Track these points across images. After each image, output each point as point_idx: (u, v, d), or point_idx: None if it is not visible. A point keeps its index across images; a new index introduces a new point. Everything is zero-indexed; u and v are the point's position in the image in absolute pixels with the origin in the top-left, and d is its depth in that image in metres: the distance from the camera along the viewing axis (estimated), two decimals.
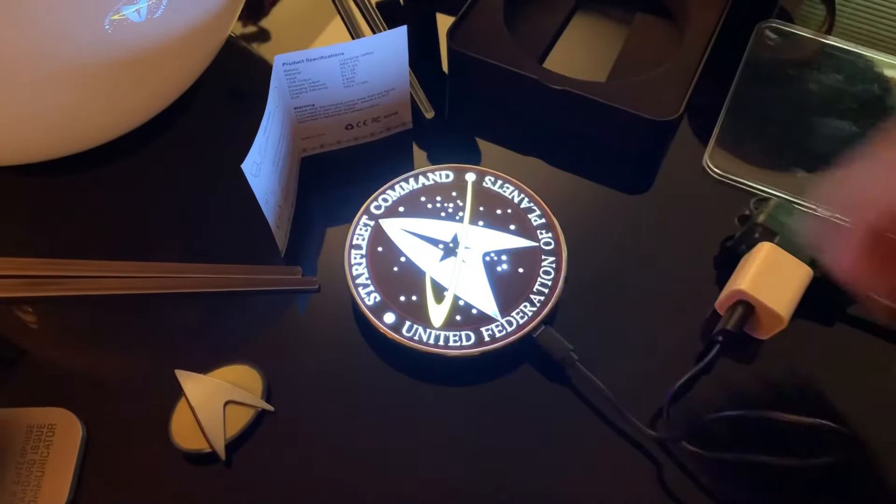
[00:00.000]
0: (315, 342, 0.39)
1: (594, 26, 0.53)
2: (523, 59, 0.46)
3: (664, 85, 0.45)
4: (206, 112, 0.49)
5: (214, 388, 0.36)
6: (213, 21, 0.41)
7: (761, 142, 0.47)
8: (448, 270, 0.39)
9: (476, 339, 0.37)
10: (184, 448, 0.34)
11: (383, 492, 0.34)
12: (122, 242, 0.43)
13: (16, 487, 0.33)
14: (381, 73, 0.42)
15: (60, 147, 0.42)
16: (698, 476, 0.35)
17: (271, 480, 0.34)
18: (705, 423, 0.33)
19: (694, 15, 0.49)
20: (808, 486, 0.35)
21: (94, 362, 0.39)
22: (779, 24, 0.51)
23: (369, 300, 0.38)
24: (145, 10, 0.35)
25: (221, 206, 0.44)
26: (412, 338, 0.37)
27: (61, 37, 0.34)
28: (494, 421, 0.36)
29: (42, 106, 0.37)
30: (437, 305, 0.38)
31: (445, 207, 0.41)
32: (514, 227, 0.41)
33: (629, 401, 0.35)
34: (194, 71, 0.44)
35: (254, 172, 0.35)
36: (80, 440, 0.35)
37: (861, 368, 0.39)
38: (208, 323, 0.40)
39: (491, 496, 0.34)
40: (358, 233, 0.40)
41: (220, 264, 0.41)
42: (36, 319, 0.40)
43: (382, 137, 0.47)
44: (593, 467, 0.35)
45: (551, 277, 0.39)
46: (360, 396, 0.37)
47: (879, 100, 0.48)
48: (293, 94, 0.41)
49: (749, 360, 0.38)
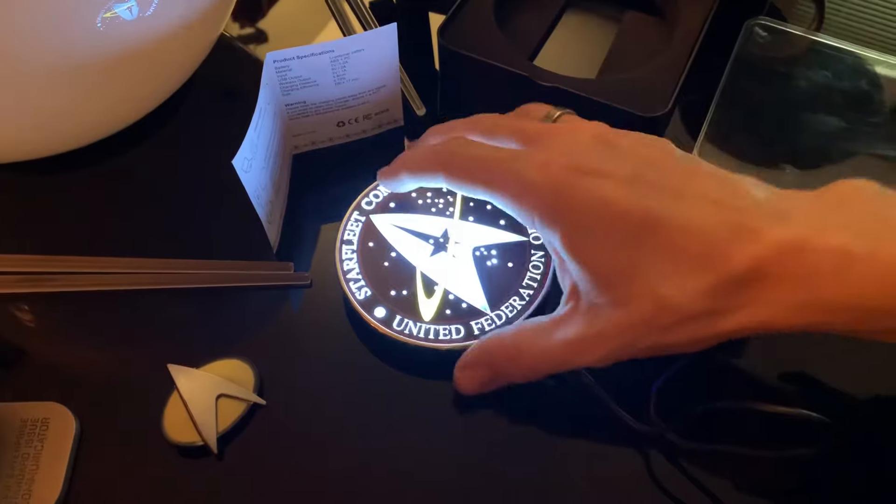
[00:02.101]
0: (307, 337, 0.40)
1: (584, 24, 0.53)
2: (514, 57, 0.46)
3: (653, 81, 0.45)
4: (200, 110, 0.49)
5: (207, 381, 0.36)
6: (206, 18, 0.41)
7: (750, 138, 0.47)
8: (438, 265, 0.39)
9: (466, 332, 0.37)
10: (176, 441, 0.35)
11: (375, 485, 0.35)
12: (113, 239, 0.43)
13: (10, 481, 0.34)
14: (372, 71, 0.42)
15: (52, 145, 0.42)
16: (684, 467, 0.35)
17: (263, 473, 0.35)
18: (690, 415, 0.33)
19: (683, 12, 0.49)
20: (792, 476, 0.35)
21: (87, 357, 0.39)
22: (768, 21, 0.51)
23: (360, 295, 0.38)
24: (137, 8, 0.36)
25: (213, 203, 0.45)
26: (402, 331, 0.37)
27: (53, 35, 0.34)
28: (482, 413, 0.37)
29: (33, 104, 0.37)
30: (428, 300, 0.38)
31: (436, 203, 0.42)
32: (504, 222, 0.41)
33: (616, 393, 0.36)
34: (187, 68, 0.45)
35: (244, 168, 0.35)
36: (74, 434, 0.35)
37: (850, 361, 0.39)
38: (200, 318, 0.41)
39: (476, 487, 0.35)
40: (349, 228, 0.41)
41: (212, 260, 0.41)
42: (29, 315, 0.41)
43: (374, 134, 0.47)
44: (579, 458, 0.36)
45: (540, 272, 0.39)
46: (351, 390, 0.37)
47: (868, 96, 0.48)
48: (284, 91, 0.41)
49: (737, 354, 0.39)
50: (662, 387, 0.36)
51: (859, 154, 0.46)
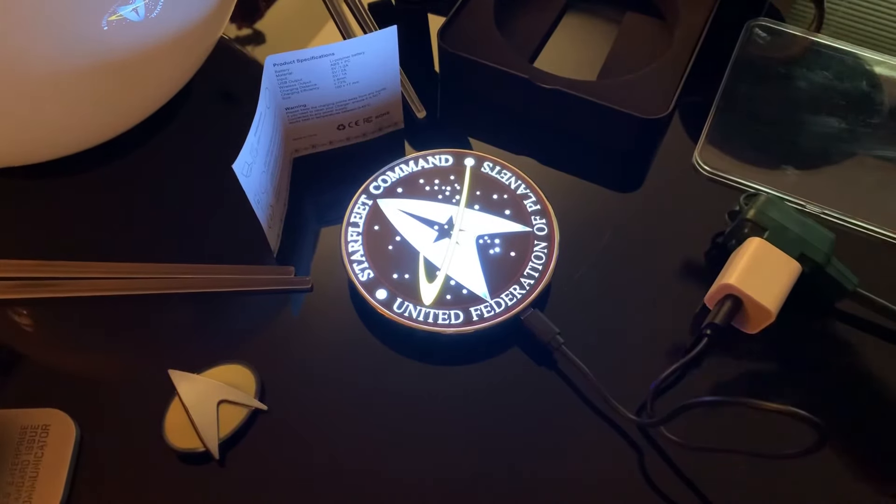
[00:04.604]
0: (308, 342, 0.40)
1: (584, 25, 0.53)
2: (514, 59, 0.46)
3: (654, 83, 0.45)
4: (199, 113, 0.49)
5: (208, 387, 0.36)
6: (209, 18, 0.41)
7: (751, 139, 0.47)
8: (441, 251, 0.40)
9: (465, 318, 0.37)
10: (178, 447, 0.35)
11: (376, 490, 0.34)
12: (114, 243, 0.43)
13: (10, 488, 0.33)
14: (372, 74, 0.42)
15: (52, 150, 0.42)
16: (677, 462, 0.35)
17: (265, 479, 0.35)
18: (684, 408, 0.33)
19: (683, 13, 0.49)
20: (784, 474, 0.35)
21: (87, 363, 0.39)
22: (768, 22, 0.51)
23: (363, 276, 0.38)
24: (143, 10, 0.36)
25: (214, 207, 0.45)
26: (403, 314, 0.37)
27: (59, 37, 0.34)
28: (482, 400, 0.37)
29: (37, 108, 0.37)
30: (429, 284, 0.38)
31: (443, 190, 0.42)
32: (509, 212, 0.41)
33: (615, 390, 0.36)
34: (189, 70, 0.45)
35: (245, 172, 0.35)
36: (74, 440, 0.35)
37: (849, 362, 0.39)
38: (201, 323, 0.41)
39: (471, 475, 0.35)
40: (356, 211, 0.41)
41: (212, 265, 0.41)
42: (30, 321, 0.40)
43: (374, 137, 0.47)
44: (574, 449, 0.36)
45: (542, 262, 0.39)
46: (353, 395, 0.37)
47: (868, 97, 0.48)
48: (284, 94, 0.41)
49: (737, 355, 0.39)
50: (662, 386, 0.36)
51: (859, 154, 0.46)
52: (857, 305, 0.40)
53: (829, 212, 0.43)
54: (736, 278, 0.37)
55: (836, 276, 0.39)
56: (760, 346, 0.39)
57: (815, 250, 0.38)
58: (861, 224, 0.43)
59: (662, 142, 0.48)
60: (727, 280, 0.37)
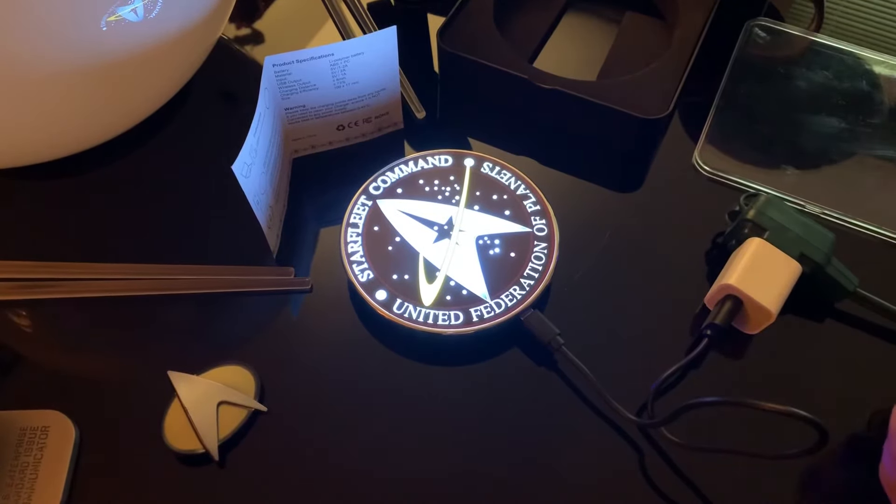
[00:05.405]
0: (307, 343, 0.40)
1: (584, 25, 0.53)
2: (514, 59, 0.46)
3: (654, 83, 0.45)
4: (198, 114, 0.49)
5: (207, 388, 0.36)
6: (208, 18, 0.41)
7: (751, 139, 0.47)
8: (441, 252, 0.40)
9: (465, 318, 0.37)
10: (177, 449, 0.35)
11: (376, 490, 0.34)
12: (114, 244, 0.43)
13: (9, 490, 0.33)
14: (372, 74, 0.42)
15: (52, 150, 0.42)
16: (677, 463, 0.35)
17: (265, 481, 0.35)
18: (685, 409, 0.33)
19: (683, 13, 0.49)
20: (785, 474, 0.35)
21: (86, 364, 0.39)
22: (768, 21, 0.51)
23: (363, 277, 0.38)
24: (142, 10, 0.36)
25: (213, 208, 0.44)
26: (402, 315, 0.37)
27: (58, 38, 0.34)
28: (482, 401, 0.37)
29: (36, 109, 0.37)
30: (429, 285, 0.38)
31: (443, 191, 0.42)
32: (509, 213, 0.41)
33: (615, 391, 0.36)
34: (188, 71, 0.45)
35: (244, 173, 0.35)
36: (74, 442, 0.35)
37: (849, 362, 0.39)
38: (201, 324, 0.41)
39: (471, 476, 0.35)
40: (355, 212, 0.41)
41: (212, 265, 0.41)
42: (29, 322, 0.40)
43: (374, 138, 0.47)
44: (575, 450, 0.36)
45: (542, 263, 0.39)
46: (352, 397, 0.37)
47: (868, 96, 0.48)
48: (284, 95, 0.41)
49: (737, 355, 0.39)
50: (662, 386, 0.36)
51: (859, 154, 0.46)
52: (857, 305, 0.39)
53: (829, 212, 0.43)
54: (736, 279, 0.37)
55: (836, 276, 0.38)
56: (760, 346, 0.39)
57: (815, 250, 0.38)
58: (861, 224, 0.43)
59: (662, 142, 0.47)
60: (727, 280, 0.37)
